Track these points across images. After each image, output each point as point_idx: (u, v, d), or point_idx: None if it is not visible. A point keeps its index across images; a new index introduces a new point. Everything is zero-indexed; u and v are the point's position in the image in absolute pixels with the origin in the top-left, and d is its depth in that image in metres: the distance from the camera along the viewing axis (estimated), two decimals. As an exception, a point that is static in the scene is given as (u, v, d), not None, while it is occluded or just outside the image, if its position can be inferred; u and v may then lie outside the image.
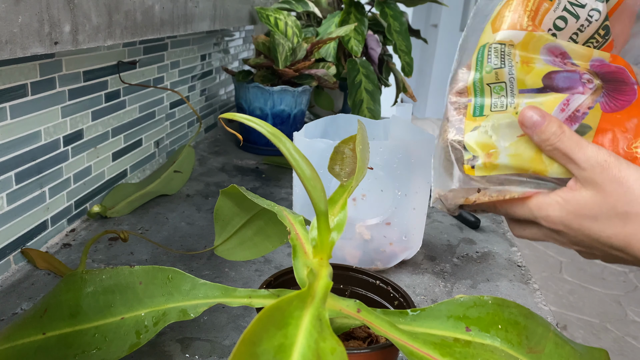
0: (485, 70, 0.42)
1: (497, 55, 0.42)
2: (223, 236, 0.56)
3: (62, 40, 0.53)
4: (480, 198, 0.44)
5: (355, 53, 1.12)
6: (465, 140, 0.43)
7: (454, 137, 0.44)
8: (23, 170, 0.61)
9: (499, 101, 0.42)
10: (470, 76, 0.43)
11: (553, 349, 0.37)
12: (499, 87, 0.42)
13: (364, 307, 0.38)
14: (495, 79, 0.42)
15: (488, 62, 0.42)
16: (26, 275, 0.60)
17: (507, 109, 0.42)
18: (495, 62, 0.42)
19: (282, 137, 0.35)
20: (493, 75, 0.42)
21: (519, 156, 0.42)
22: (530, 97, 0.42)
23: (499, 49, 0.42)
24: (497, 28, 0.42)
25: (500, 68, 0.42)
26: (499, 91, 0.42)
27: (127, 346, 0.40)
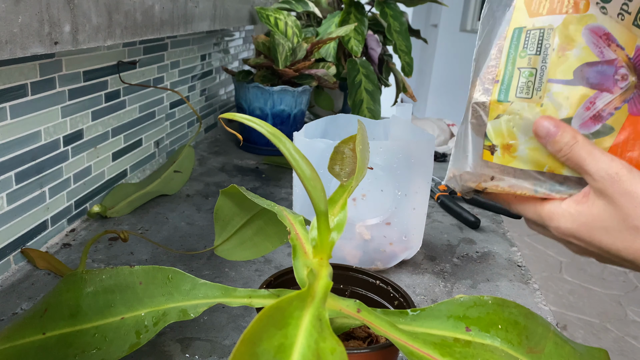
0: (520, 55, 0.41)
1: (533, 41, 0.41)
2: (223, 236, 0.56)
3: (62, 40, 0.53)
4: (492, 187, 0.43)
5: (355, 53, 1.12)
6: (487, 127, 0.42)
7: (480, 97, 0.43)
8: (23, 170, 0.61)
9: (525, 86, 0.41)
10: (503, 57, 0.42)
11: (553, 349, 0.37)
12: (528, 73, 0.41)
13: (364, 307, 0.38)
14: (527, 64, 0.41)
15: (524, 48, 0.41)
16: (26, 275, 0.60)
17: (532, 96, 0.41)
18: (530, 49, 0.41)
19: (282, 137, 0.35)
20: (526, 60, 0.41)
21: (538, 151, 0.41)
22: (558, 88, 0.40)
23: (537, 36, 0.40)
24: (534, 11, 0.41)
25: (535, 55, 0.41)
26: (527, 76, 0.41)
27: (127, 346, 0.40)
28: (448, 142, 1.25)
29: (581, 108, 0.40)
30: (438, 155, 1.16)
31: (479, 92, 0.43)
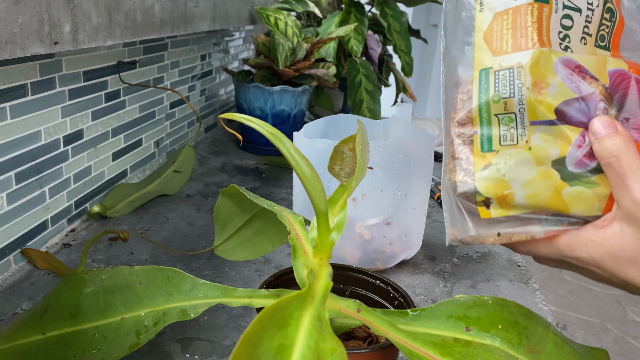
0: (492, 100, 0.38)
1: (504, 83, 0.38)
2: (223, 236, 0.56)
3: (62, 40, 0.53)
4: (500, 240, 0.40)
5: (355, 53, 1.12)
6: (476, 182, 0.39)
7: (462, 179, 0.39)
8: (23, 170, 0.61)
9: (508, 134, 0.38)
10: (474, 103, 0.39)
11: (553, 349, 0.37)
12: (508, 119, 0.38)
13: (364, 307, 0.38)
14: (504, 109, 0.38)
15: (495, 91, 0.38)
16: (26, 275, 0.60)
17: (518, 142, 0.38)
18: (503, 91, 0.38)
19: (282, 137, 0.35)
20: (501, 105, 0.38)
21: (537, 196, 0.38)
22: (543, 130, 0.38)
23: (506, 76, 0.38)
24: (498, 50, 0.38)
25: (509, 97, 0.38)
26: (508, 122, 0.38)
27: (127, 346, 0.40)
28: (448, 142, 1.24)
29: (573, 147, 0.38)
30: (438, 155, 1.16)
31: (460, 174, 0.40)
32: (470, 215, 0.40)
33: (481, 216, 0.40)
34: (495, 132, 0.39)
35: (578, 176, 0.38)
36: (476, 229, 0.40)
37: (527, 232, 0.39)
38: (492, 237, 0.40)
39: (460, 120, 0.40)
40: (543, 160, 0.38)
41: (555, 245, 0.39)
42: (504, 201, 0.39)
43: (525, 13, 0.38)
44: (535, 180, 0.38)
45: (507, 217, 0.39)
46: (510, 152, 0.38)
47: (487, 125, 0.39)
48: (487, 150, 0.39)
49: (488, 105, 0.38)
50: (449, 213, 0.41)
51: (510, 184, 0.38)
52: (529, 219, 0.39)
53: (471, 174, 0.39)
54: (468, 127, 0.39)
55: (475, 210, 0.40)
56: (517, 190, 0.38)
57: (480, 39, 0.39)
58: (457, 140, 0.40)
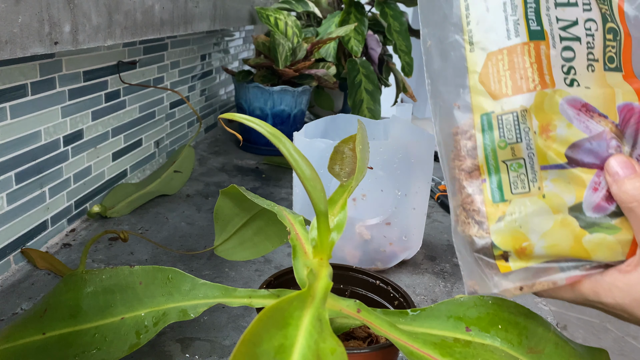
0: (499, 146, 0.36)
1: (509, 128, 0.36)
2: (223, 236, 0.56)
3: (62, 40, 0.53)
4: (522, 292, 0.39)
5: (355, 53, 1.12)
6: (492, 235, 0.37)
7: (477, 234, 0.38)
8: (23, 170, 0.61)
9: (518, 180, 0.36)
10: (480, 151, 0.37)
11: (553, 349, 0.37)
12: (517, 164, 0.36)
13: (364, 307, 0.38)
14: (511, 155, 0.36)
15: (501, 137, 0.36)
16: (26, 275, 0.60)
17: (530, 190, 0.36)
18: (509, 137, 0.36)
19: (282, 137, 0.35)
20: (509, 151, 0.36)
21: (557, 246, 0.36)
22: (555, 175, 0.36)
23: (510, 120, 0.36)
24: (497, 93, 0.36)
25: (516, 143, 0.36)
26: (517, 169, 0.36)
27: (127, 346, 0.40)
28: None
29: (588, 190, 0.36)
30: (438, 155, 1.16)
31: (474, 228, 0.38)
32: (490, 270, 0.38)
33: (501, 271, 0.38)
34: (505, 179, 0.37)
35: (597, 222, 0.36)
36: (497, 284, 0.38)
37: (549, 281, 0.38)
38: (515, 289, 0.38)
39: (467, 169, 0.38)
40: (559, 207, 0.36)
41: (579, 291, 0.37)
42: (523, 253, 0.37)
43: (522, 53, 0.36)
44: (554, 230, 0.36)
45: (527, 268, 0.38)
46: (524, 202, 0.36)
47: (495, 173, 0.37)
48: (499, 200, 0.37)
49: (495, 152, 0.36)
50: (464, 264, 0.40)
51: (528, 235, 0.36)
52: (550, 267, 0.37)
53: (486, 228, 0.37)
54: (476, 175, 0.38)
55: (494, 265, 0.38)
56: (536, 242, 0.36)
57: (475, 81, 0.37)
58: (467, 190, 0.38)
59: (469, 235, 0.38)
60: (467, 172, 0.37)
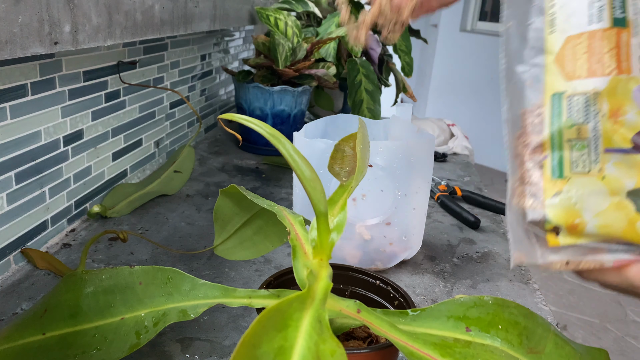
0: (566, 125, 0.37)
1: (579, 109, 0.37)
2: (223, 236, 0.56)
3: (62, 40, 0.53)
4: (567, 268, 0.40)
5: (355, 53, 1.12)
6: (546, 209, 0.38)
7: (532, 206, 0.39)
8: (23, 170, 0.61)
9: (580, 161, 0.37)
10: (546, 128, 0.38)
11: (553, 349, 0.37)
12: (580, 145, 0.37)
13: (364, 307, 0.38)
14: (576, 135, 0.37)
15: (568, 117, 0.37)
16: (26, 275, 0.60)
17: (590, 171, 0.37)
18: (577, 117, 0.37)
19: (282, 138, 0.35)
20: (574, 130, 0.37)
21: (609, 227, 0.37)
22: (618, 159, 0.36)
23: (581, 102, 0.37)
24: (571, 74, 0.37)
25: (583, 124, 0.37)
26: (580, 149, 0.37)
27: (127, 347, 0.40)
28: (448, 142, 1.25)
29: None
30: (438, 155, 1.16)
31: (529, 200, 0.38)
32: (539, 242, 0.39)
33: (549, 244, 0.39)
34: (567, 157, 0.37)
35: None
36: (544, 256, 0.39)
37: (595, 261, 0.38)
38: (560, 264, 0.39)
39: (531, 145, 0.39)
40: (617, 190, 0.37)
41: (625, 275, 0.38)
42: (574, 230, 0.38)
43: (602, 39, 0.37)
44: (608, 211, 0.37)
45: (576, 245, 0.38)
46: (582, 181, 0.37)
47: (558, 150, 0.38)
48: (558, 176, 0.38)
49: (561, 130, 0.37)
50: (514, 236, 0.41)
51: (582, 213, 0.37)
52: (599, 247, 0.38)
53: (541, 201, 0.38)
54: (539, 152, 0.39)
55: (543, 237, 0.39)
56: (589, 220, 0.37)
57: (551, 61, 0.38)
58: (528, 164, 0.39)
59: (523, 207, 0.39)
60: (531, 148, 0.39)
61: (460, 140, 1.23)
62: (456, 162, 1.16)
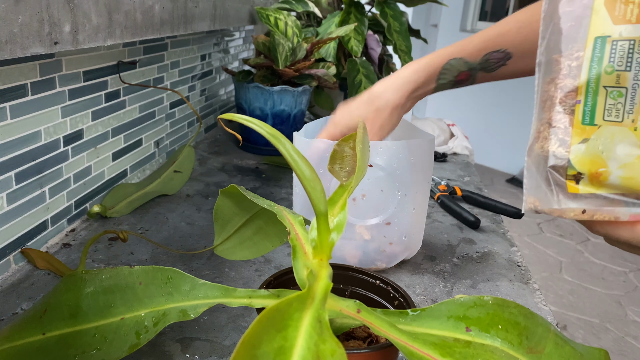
0: (605, 70, 0.36)
1: (622, 55, 0.35)
2: (223, 236, 0.56)
3: (62, 40, 0.53)
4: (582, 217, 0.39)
5: (355, 53, 1.12)
6: (571, 154, 0.37)
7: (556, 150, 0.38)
8: (23, 170, 0.61)
9: (614, 109, 0.36)
10: (584, 72, 0.36)
11: (553, 349, 0.37)
12: (617, 93, 0.36)
13: (364, 307, 0.38)
14: (615, 82, 0.35)
15: (610, 62, 0.35)
16: (26, 275, 0.60)
17: (623, 120, 0.36)
18: (619, 63, 0.35)
19: (282, 138, 0.35)
20: (614, 77, 0.35)
21: (633, 179, 0.36)
22: None
23: (625, 48, 0.35)
24: (620, 18, 0.35)
25: (624, 71, 0.35)
26: (616, 97, 0.36)
27: (127, 347, 0.40)
28: (448, 142, 1.25)
29: None
30: (438, 155, 1.16)
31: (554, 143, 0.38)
32: (557, 188, 0.38)
33: (569, 190, 0.38)
34: (601, 104, 0.36)
35: None
36: (561, 202, 0.38)
37: (611, 213, 0.38)
38: (575, 212, 0.39)
39: (565, 88, 0.37)
40: None
41: (638, 231, 0.37)
42: (597, 179, 0.37)
43: None
44: (635, 163, 0.36)
45: (594, 194, 0.38)
46: (613, 130, 0.36)
47: (593, 96, 0.36)
48: (589, 123, 0.36)
49: (599, 76, 0.36)
50: (531, 180, 0.40)
51: (607, 162, 0.36)
52: (617, 200, 0.37)
53: (567, 146, 0.37)
54: (572, 96, 0.37)
55: (563, 183, 0.38)
56: (614, 170, 0.36)
57: (600, 3, 0.36)
58: (558, 107, 0.38)
59: (547, 150, 0.38)
60: (565, 91, 0.37)
61: (460, 140, 1.23)
62: (456, 162, 1.16)
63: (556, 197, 0.39)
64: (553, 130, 0.38)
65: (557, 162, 0.38)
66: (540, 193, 0.39)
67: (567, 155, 0.37)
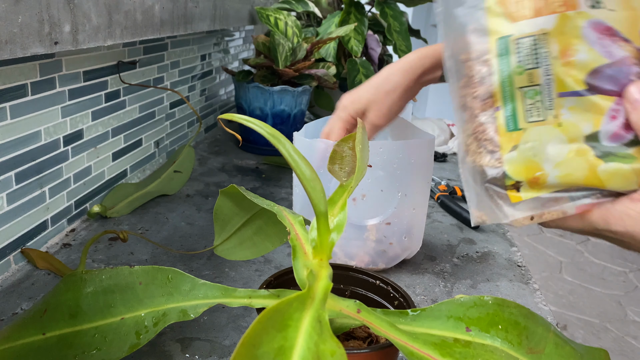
0: (515, 71, 0.35)
1: (528, 52, 0.34)
2: (223, 236, 0.56)
3: (62, 40, 0.53)
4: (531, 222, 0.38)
5: (355, 53, 1.12)
6: (505, 165, 0.36)
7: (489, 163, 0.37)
8: (23, 170, 0.61)
9: (534, 109, 0.35)
10: (495, 77, 0.36)
11: (553, 349, 0.37)
12: (533, 92, 0.35)
13: (364, 307, 0.38)
14: (528, 81, 0.35)
15: (518, 62, 0.35)
16: (26, 275, 0.60)
17: (546, 118, 0.35)
18: (527, 62, 0.34)
19: (282, 138, 0.35)
20: (525, 77, 0.35)
21: (571, 175, 0.36)
22: (573, 102, 0.35)
23: (528, 44, 0.34)
24: (516, 15, 0.35)
25: (534, 68, 0.34)
26: (533, 96, 0.35)
27: (127, 347, 0.40)
28: (448, 142, 1.25)
29: (606, 118, 0.35)
30: (438, 155, 1.16)
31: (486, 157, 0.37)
32: (500, 200, 0.38)
33: (512, 201, 0.37)
34: (520, 107, 0.36)
35: (613, 151, 0.35)
36: (507, 215, 0.38)
37: (558, 210, 0.37)
38: (524, 219, 0.38)
39: (481, 97, 0.36)
40: (575, 136, 0.35)
41: (588, 220, 0.37)
42: (536, 183, 0.36)
43: None
44: (568, 160, 0.36)
45: (538, 197, 0.37)
46: (539, 130, 0.35)
47: (510, 100, 0.36)
48: (513, 128, 0.36)
49: (511, 78, 0.35)
50: (471, 193, 0.39)
51: (542, 164, 0.36)
52: (560, 197, 0.37)
53: (499, 157, 0.37)
54: (489, 103, 0.37)
55: (505, 195, 0.37)
56: (550, 171, 0.36)
57: (493, 2, 0.35)
58: (480, 118, 0.37)
59: (480, 165, 0.37)
60: (481, 100, 0.37)
61: (460, 140, 1.23)
62: (456, 162, 1.16)
63: (501, 210, 0.38)
64: (482, 143, 0.37)
65: (493, 174, 0.37)
66: (485, 207, 0.39)
67: (502, 167, 0.37)
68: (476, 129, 0.37)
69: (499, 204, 0.38)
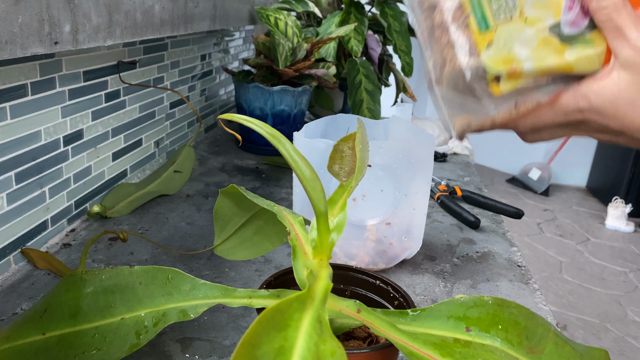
0: None
1: None
2: (222, 236, 0.56)
3: (62, 40, 0.53)
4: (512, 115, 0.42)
5: (355, 53, 1.12)
6: (484, 60, 0.40)
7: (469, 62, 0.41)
8: (23, 170, 0.61)
9: (501, 9, 0.40)
10: None
11: (553, 349, 0.37)
12: None
13: (364, 307, 0.38)
14: None
15: None
16: (26, 275, 0.60)
17: (512, 17, 0.40)
18: None
19: (282, 138, 0.35)
20: None
21: (543, 62, 0.40)
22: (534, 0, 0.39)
23: None
24: None
25: None
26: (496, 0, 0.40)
27: (127, 347, 0.40)
28: (448, 142, 1.25)
29: (564, 9, 0.39)
30: (438, 155, 1.16)
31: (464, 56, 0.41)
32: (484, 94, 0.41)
33: (494, 94, 0.41)
34: (488, 10, 0.40)
35: (575, 37, 0.40)
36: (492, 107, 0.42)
37: (533, 99, 0.41)
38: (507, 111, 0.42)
39: (450, 8, 0.41)
40: (540, 28, 0.40)
41: (558, 106, 0.41)
42: (514, 74, 0.40)
43: None
44: (538, 48, 0.40)
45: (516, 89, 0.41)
46: (508, 28, 0.40)
47: (478, 6, 0.40)
48: (485, 29, 0.40)
49: None
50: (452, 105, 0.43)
51: (516, 56, 0.40)
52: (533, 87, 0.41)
53: (477, 54, 0.40)
54: (459, 13, 0.41)
55: (486, 89, 0.41)
56: (524, 60, 0.40)
57: None
58: (452, 28, 0.41)
59: (460, 69, 0.41)
60: (452, 11, 0.41)
61: (460, 140, 1.23)
62: (456, 162, 1.17)
63: (485, 105, 0.42)
64: (458, 48, 0.41)
65: (474, 72, 0.41)
66: (469, 109, 0.43)
67: (481, 62, 0.40)
68: (451, 38, 0.41)
69: (484, 98, 0.42)
